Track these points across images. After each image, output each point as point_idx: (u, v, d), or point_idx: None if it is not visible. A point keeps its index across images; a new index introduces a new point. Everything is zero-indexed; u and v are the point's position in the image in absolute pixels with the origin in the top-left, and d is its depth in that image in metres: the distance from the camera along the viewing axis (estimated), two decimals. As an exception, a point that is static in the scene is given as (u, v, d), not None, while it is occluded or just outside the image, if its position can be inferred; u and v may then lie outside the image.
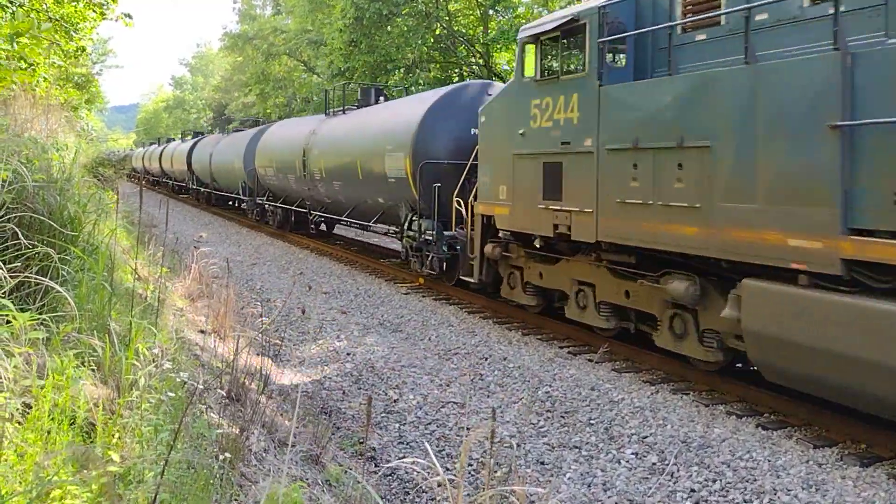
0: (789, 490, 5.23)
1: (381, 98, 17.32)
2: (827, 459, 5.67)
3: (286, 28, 41.32)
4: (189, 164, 34.02)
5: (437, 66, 28.01)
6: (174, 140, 50.12)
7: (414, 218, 12.62)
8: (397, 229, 14.19)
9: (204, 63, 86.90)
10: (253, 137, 23.74)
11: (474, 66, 27.63)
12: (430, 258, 12.06)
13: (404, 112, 13.44)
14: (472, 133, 11.63)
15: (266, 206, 22.55)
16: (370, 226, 15.59)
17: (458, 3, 28.33)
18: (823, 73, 5.56)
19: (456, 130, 12.05)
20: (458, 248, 11.48)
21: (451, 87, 13.54)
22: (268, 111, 43.53)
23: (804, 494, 5.15)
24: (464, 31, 28.00)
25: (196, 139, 36.58)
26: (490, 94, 11.86)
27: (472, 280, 11.00)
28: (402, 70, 26.06)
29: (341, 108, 18.04)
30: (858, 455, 5.70)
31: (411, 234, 12.69)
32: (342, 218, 17.14)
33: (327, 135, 17.05)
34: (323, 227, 21.52)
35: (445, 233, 11.69)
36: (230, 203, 30.57)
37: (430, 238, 11.95)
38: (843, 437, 6.04)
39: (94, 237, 5.33)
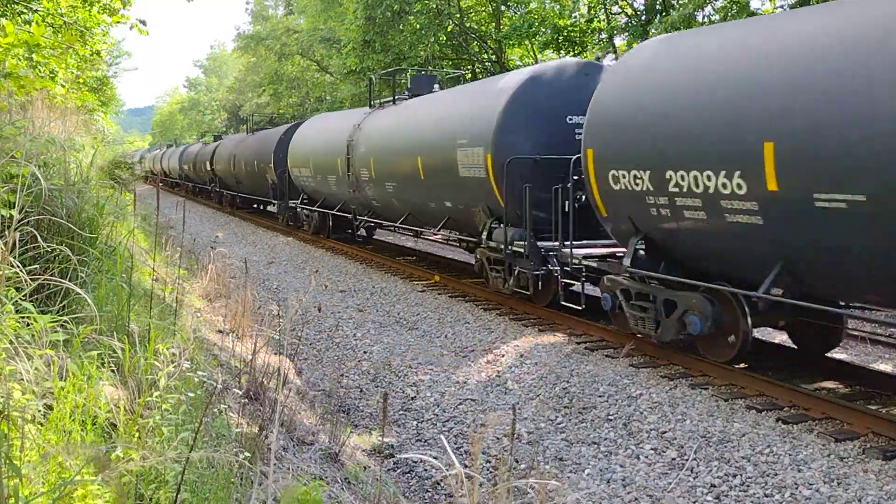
0: (811, 484, 5.18)
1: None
2: (849, 453, 5.61)
3: (298, 28, 41.44)
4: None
5: (450, 63, 27.98)
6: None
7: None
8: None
9: (218, 64, 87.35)
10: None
11: (487, 63, 27.58)
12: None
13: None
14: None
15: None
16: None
17: (470, -1, 28.29)
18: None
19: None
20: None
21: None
22: (281, 111, 43.71)
23: (826, 488, 5.11)
24: (476, 27, 27.95)
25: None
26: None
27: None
28: (414, 68, 26.04)
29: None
30: (881, 448, 5.64)
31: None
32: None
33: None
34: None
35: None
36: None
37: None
38: (865, 431, 5.98)
39: (111, 239, 5.37)
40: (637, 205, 7.62)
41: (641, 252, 7.90)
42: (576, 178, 9.02)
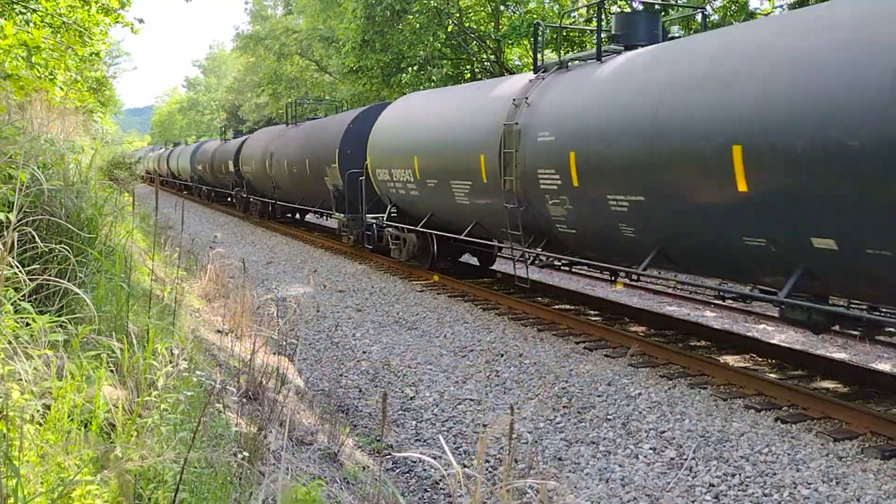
0: (809, 483, 5.19)
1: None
2: (847, 452, 5.62)
3: (297, 28, 41.45)
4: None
5: (449, 62, 27.97)
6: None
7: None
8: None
9: (217, 64, 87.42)
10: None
11: (486, 63, 27.58)
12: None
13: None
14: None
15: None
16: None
17: (470, -1, 28.29)
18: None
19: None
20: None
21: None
22: (280, 111, 43.70)
23: (825, 488, 5.12)
24: (475, 27, 27.94)
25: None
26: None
27: None
28: (414, 68, 26.05)
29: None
30: (879, 448, 5.65)
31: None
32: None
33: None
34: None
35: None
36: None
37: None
38: (864, 430, 5.99)
39: (110, 239, 5.37)
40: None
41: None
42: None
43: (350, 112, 18.37)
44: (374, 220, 15.00)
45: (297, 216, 25.71)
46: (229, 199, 31.94)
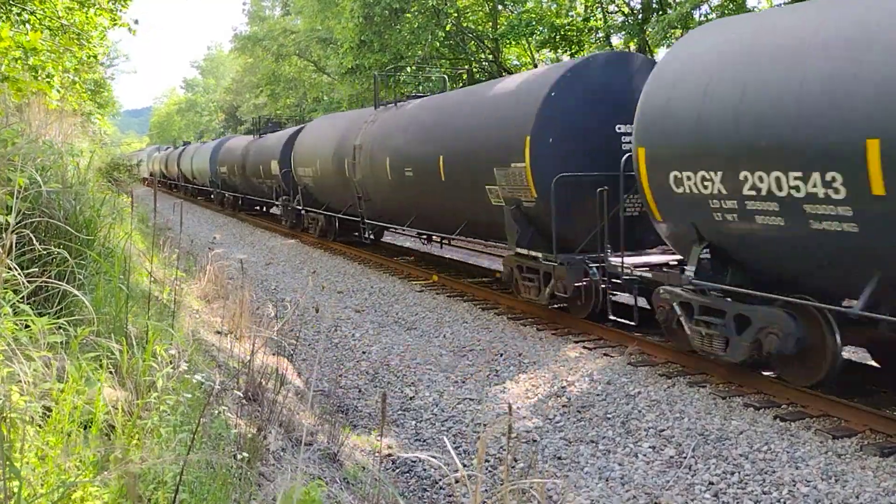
0: (808, 481, 5.20)
1: None
2: (846, 450, 5.63)
3: (295, 28, 41.45)
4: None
5: (447, 62, 27.99)
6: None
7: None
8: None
9: (215, 65, 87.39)
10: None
11: (484, 63, 27.60)
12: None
13: None
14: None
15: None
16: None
17: (467, -2, 28.32)
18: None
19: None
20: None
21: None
22: (278, 112, 43.70)
23: (824, 485, 5.13)
24: (473, 26, 27.96)
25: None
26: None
27: None
28: (412, 68, 26.06)
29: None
30: (878, 445, 5.66)
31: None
32: None
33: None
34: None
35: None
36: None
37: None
38: (863, 428, 5.99)
39: (109, 241, 5.38)
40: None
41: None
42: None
43: (551, 71, 9.90)
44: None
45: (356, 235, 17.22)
46: (262, 209, 27.30)
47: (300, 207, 19.78)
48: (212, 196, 32.93)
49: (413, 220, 13.45)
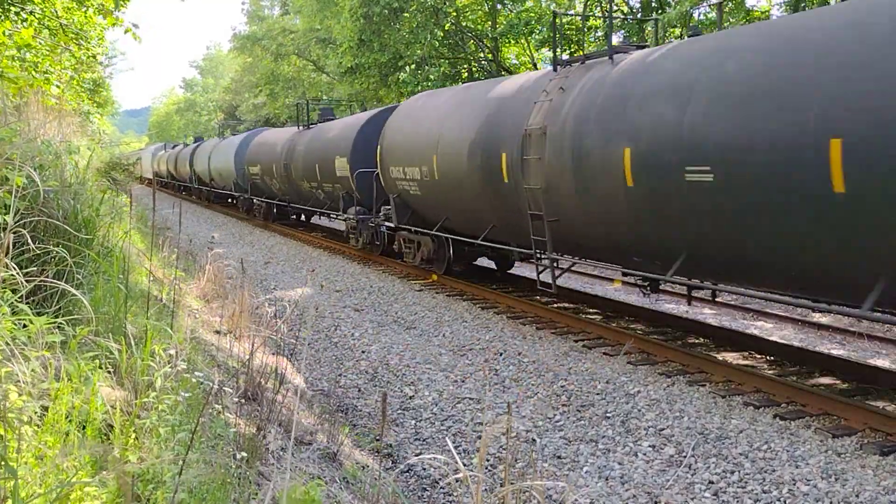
0: (808, 480, 5.19)
1: None
2: (846, 449, 5.63)
3: (294, 28, 41.44)
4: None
5: (446, 62, 27.98)
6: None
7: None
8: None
9: (214, 65, 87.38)
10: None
11: (483, 62, 27.58)
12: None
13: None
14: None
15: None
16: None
17: (466, -2, 28.30)
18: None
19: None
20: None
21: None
22: (277, 111, 43.68)
23: (824, 484, 5.12)
24: (472, 26, 27.94)
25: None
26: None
27: None
28: (412, 67, 26.04)
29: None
30: (878, 444, 5.66)
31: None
32: None
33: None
34: None
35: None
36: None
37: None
38: (862, 426, 5.99)
39: (108, 240, 5.37)
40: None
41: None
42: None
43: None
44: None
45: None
46: (298, 218, 22.99)
47: (391, 224, 14.36)
48: (235, 202, 27.58)
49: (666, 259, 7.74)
